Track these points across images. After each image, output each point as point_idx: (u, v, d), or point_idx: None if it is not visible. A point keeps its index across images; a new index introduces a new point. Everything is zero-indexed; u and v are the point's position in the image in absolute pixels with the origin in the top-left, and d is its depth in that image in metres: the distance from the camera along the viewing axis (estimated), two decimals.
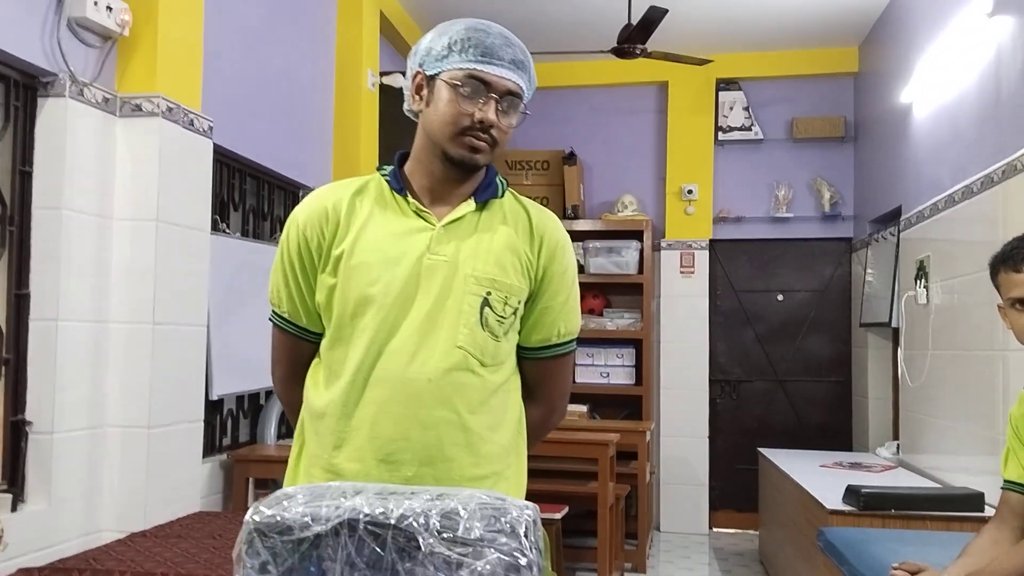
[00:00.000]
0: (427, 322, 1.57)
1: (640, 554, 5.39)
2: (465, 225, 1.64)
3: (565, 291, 1.72)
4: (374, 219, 1.63)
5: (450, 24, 1.65)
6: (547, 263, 1.68)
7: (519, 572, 1.17)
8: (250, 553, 1.22)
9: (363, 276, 1.59)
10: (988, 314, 3.60)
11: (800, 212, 6.45)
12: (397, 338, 1.56)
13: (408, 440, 1.54)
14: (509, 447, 1.64)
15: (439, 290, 1.58)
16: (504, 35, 1.64)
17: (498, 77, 1.60)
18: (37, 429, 2.82)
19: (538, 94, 6.88)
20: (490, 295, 1.60)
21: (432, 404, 1.54)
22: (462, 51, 1.59)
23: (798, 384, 6.50)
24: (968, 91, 4.05)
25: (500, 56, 1.60)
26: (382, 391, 1.55)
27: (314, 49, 4.67)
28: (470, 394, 1.57)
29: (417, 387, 1.54)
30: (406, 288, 1.58)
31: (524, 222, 1.69)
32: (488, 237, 1.64)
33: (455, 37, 1.61)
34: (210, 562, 2.57)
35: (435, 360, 1.55)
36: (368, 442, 1.55)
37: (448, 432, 1.55)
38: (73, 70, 2.87)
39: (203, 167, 3.40)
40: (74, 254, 2.90)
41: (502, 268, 1.62)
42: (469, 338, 1.57)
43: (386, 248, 1.60)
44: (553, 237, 1.70)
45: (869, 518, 3.51)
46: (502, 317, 1.61)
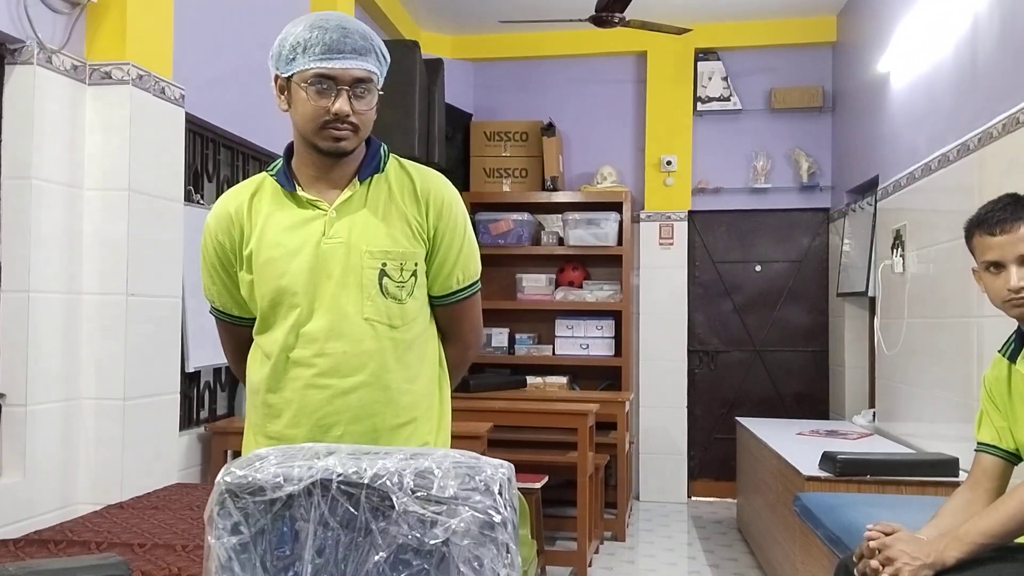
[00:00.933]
0: (335, 301, 1.77)
1: (619, 523, 5.43)
2: (355, 204, 1.81)
3: (458, 243, 1.88)
4: (273, 217, 1.81)
5: (293, 25, 1.81)
6: (436, 222, 1.85)
7: (493, 529, 1.17)
8: (222, 514, 1.21)
9: (272, 270, 1.78)
10: (963, 282, 3.63)
11: (778, 183, 6.47)
12: (313, 321, 1.77)
13: (333, 405, 1.76)
14: (427, 393, 1.86)
15: (340, 270, 1.77)
16: (342, 27, 1.75)
17: (342, 69, 1.73)
18: (10, 402, 2.79)
19: (516, 64, 6.82)
20: (386, 265, 1.78)
21: (350, 372, 1.76)
22: (305, 52, 1.75)
23: (776, 354, 6.54)
24: (945, 60, 4.06)
25: (340, 49, 1.73)
26: (306, 368, 1.76)
27: (288, 16, 4.59)
28: (384, 357, 1.78)
29: (335, 360, 1.75)
30: (312, 274, 1.77)
31: (409, 188, 1.85)
32: (376, 210, 1.81)
33: (298, 39, 1.76)
34: (187, 532, 2.56)
35: (348, 333, 1.76)
36: (300, 411, 1.77)
37: (368, 393, 1.77)
38: (41, 37, 2.81)
39: (175, 136, 3.35)
40: (44, 225, 2.85)
41: (393, 238, 1.80)
42: (373, 308, 1.77)
43: (286, 242, 1.78)
44: (438, 197, 1.86)
45: (845, 484, 3.54)
46: (401, 282, 1.79)
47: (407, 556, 1.19)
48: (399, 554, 1.19)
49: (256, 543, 1.21)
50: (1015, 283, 2.10)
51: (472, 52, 6.77)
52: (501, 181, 6.45)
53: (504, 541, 1.17)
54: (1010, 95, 3.29)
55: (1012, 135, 3.24)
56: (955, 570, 2.03)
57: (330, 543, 1.20)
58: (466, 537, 1.16)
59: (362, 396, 1.77)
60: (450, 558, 1.17)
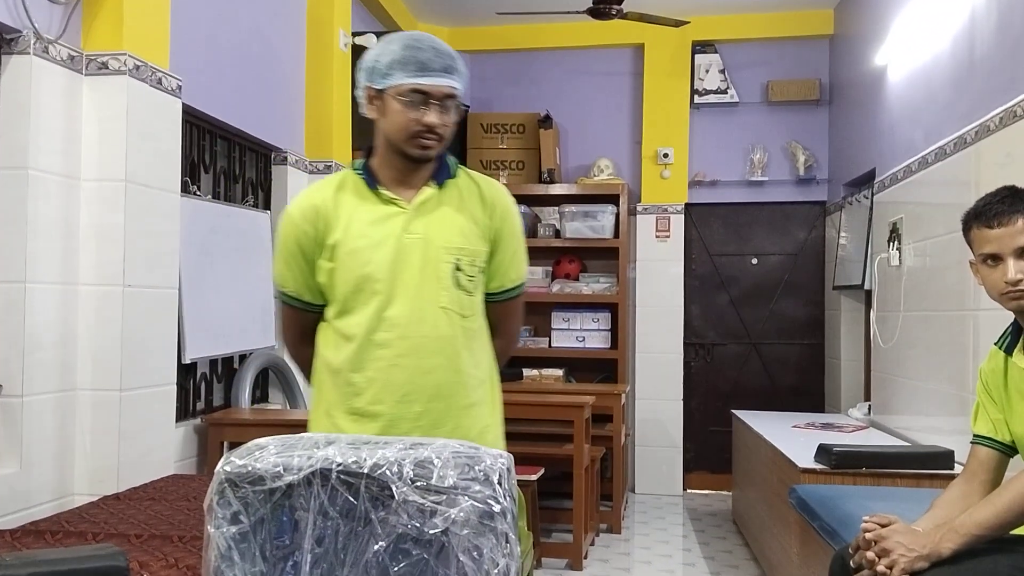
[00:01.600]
0: (415, 290, 1.96)
1: (615, 515, 5.44)
2: (430, 205, 2.01)
3: (515, 245, 2.12)
4: (357, 210, 2.00)
5: (388, 43, 1.97)
6: (499, 225, 2.07)
7: (493, 519, 1.17)
8: (222, 504, 1.21)
9: (357, 259, 1.96)
10: (960, 275, 3.63)
11: (775, 176, 6.47)
12: (393, 306, 1.95)
13: (414, 383, 1.95)
14: (487, 378, 2.08)
15: (420, 262, 1.96)
16: (435, 48, 1.95)
17: (435, 85, 1.93)
18: (7, 392, 2.78)
19: (513, 56, 6.81)
20: (459, 260, 1.99)
21: (429, 354, 1.96)
22: (400, 69, 1.92)
23: (771, 347, 6.55)
24: (942, 53, 4.06)
25: (433, 68, 1.93)
26: (388, 349, 1.95)
27: (285, 8, 4.60)
28: (456, 343, 1.99)
29: (416, 343, 1.95)
30: (394, 264, 1.95)
31: (476, 194, 2.07)
32: (450, 212, 2.02)
33: (395, 56, 1.93)
34: (184, 523, 2.56)
35: (428, 320, 1.96)
36: (384, 388, 1.95)
37: (444, 375, 1.97)
38: (37, 27, 2.80)
39: (172, 127, 3.34)
40: (41, 215, 2.85)
41: (465, 236, 2.01)
42: (448, 298, 1.97)
43: (371, 234, 1.97)
44: (502, 204, 2.10)
45: (840, 476, 3.55)
46: (471, 276, 2.01)
47: (407, 546, 1.19)
48: (399, 543, 1.19)
49: (256, 532, 1.21)
50: (1012, 276, 2.10)
51: (469, 44, 6.76)
52: (498, 173, 6.44)
53: (503, 531, 1.17)
54: (1007, 88, 3.29)
55: (1009, 128, 3.24)
56: (950, 562, 2.04)
57: (330, 533, 1.20)
58: (465, 527, 1.16)
59: (439, 377, 1.97)
60: (450, 548, 1.17)
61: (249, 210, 4.35)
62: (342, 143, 4.94)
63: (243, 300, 4.18)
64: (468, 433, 1.98)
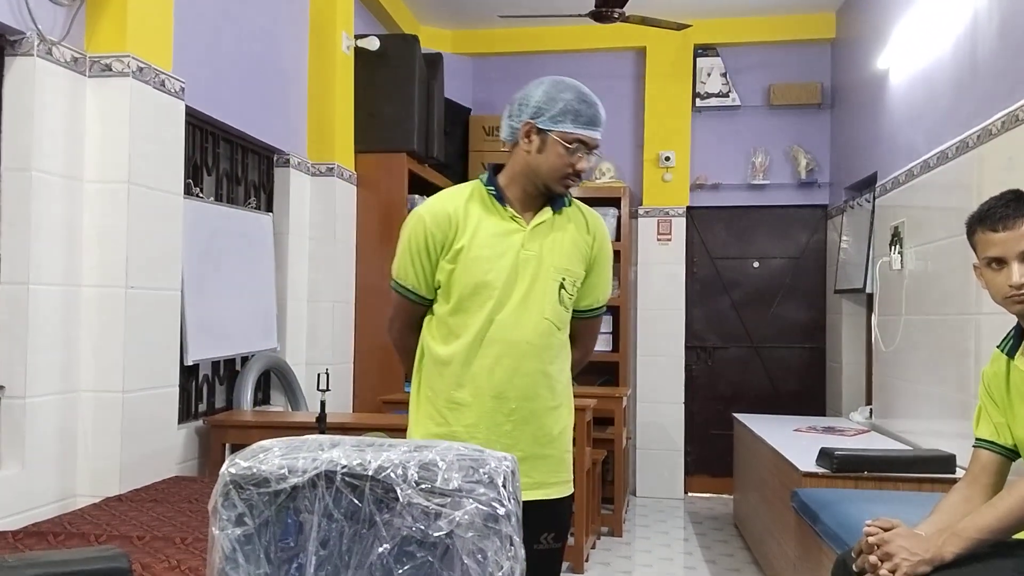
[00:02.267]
0: (524, 300, 2.18)
1: (616, 518, 5.44)
2: (545, 227, 2.23)
3: (606, 271, 2.36)
4: (483, 222, 2.20)
5: (558, 89, 2.20)
6: (597, 253, 2.31)
7: (497, 522, 1.17)
8: (226, 505, 1.21)
9: (480, 266, 2.17)
10: (962, 278, 3.63)
11: (776, 179, 6.47)
12: (504, 311, 2.17)
13: (512, 383, 2.17)
14: (568, 383, 2.30)
15: (531, 277, 2.18)
16: (598, 104, 2.22)
17: (594, 139, 2.20)
18: (9, 393, 2.79)
19: (514, 59, 6.81)
20: (564, 280, 2.21)
21: (528, 358, 2.17)
22: (575, 119, 2.16)
23: (773, 350, 6.55)
24: (944, 57, 4.06)
25: (598, 123, 2.20)
26: (495, 348, 2.16)
27: (288, 11, 4.60)
28: (551, 351, 2.21)
29: (520, 347, 2.16)
30: (510, 275, 2.17)
31: (583, 223, 2.30)
32: (561, 236, 2.24)
33: (570, 107, 2.16)
34: (186, 525, 2.56)
35: (530, 327, 2.17)
36: (486, 383, 2.16)
37: (537, 377, 2.19)
38: (41, 28, 2.81)
39: (175, 129, 3.35)
40: (44, 217, 2.85)
41: (571, 259, 2.24)
42: (552, 311, 2.20)
43: (494, 245, 2.18)
44: (601, 234, 2.33)
45: (842, 480, 3.55)
46: (571, 295, 2.24)
47: (411, 548, 1.19)
48: (403, 546, 1.19)
49: (260, 534, 1.21)
50: (1016, 279, 2.10)
51: (471, 47, 6.77)
52: None
53: (508, 533, 1.17)
54: (1009, 92, 3.30)
55: (1011, 132, 3.25)
56: (953, 566, 2.04)
57: (334, 535, 1.20)
58: (470, 529, 1.16)
59: (533, 379, 2.18)
60: (454, 550, 1.17)
61: (251, 212, 4.35)
62: (344, 145, 4.95)
63: (245, 302, 4.19)
64: (551, 431, 2.22)
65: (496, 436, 2.15)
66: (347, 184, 4.97)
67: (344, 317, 4.98)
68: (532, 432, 2.19)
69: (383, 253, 5.13)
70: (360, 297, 5.12)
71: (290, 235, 4.64)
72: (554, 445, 2.23)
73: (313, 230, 4.81)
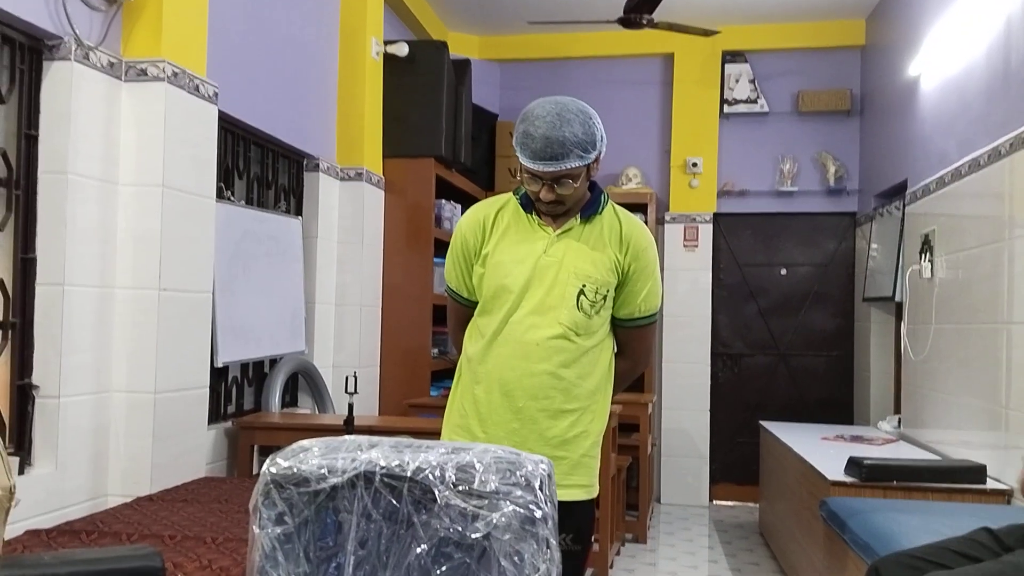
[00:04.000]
0: (540, 304, 2.23)
1: (641, 525, 5.42)
2: (572, 234, 2.27)
3: (644, 281, 2.31)
4: (510, 229, 2.30)
5: (522, 119, 2.19)
6: (631, 262, 2.28)
7: (534, 525, 1.18)
8: (267, 504, 1.22)
9: (500, 270, 2.26)
10: (993, 287, 3.60)
11: (805, 186, 6.44)
12: (519, 313, 2.24)
13: (520, 381, 2.23)
14: (595, 390, 2.29)
15: (550, 282, 2.23)
16: (546, 136, 2.13)
17: (544, 171, 2.16)
18: (44, 393, 2.83)
19: (542, 65, 6.81)
20: (584, 286, 2.23)
21: (537, 359, 2.22)
22: (522, 151, 2.17)
23: (800, 358, 6.51)
24: (976, 63, 4.03)
25: (542, 157, 2.14)
26: (507, 348, 2.24)
27: (318, 17, 4.64)
28: (565, 355, 2.23)
29: (529, 348, 2.22)
30: (528, 280, 2.24)
31: (616, 231, 2.29)
32: (587, 243, 2.26)
33: (519, 139, 2.17)
34: (217, 525, 2.59)
35: (543, 331, 2.22)
36: (495, 380, 2.25)
37: (547, 380, 2.22)
38: (78, 33, 2.85)
39: (208, 133, 3.39)
40: (80, 219, 2.89)
41: (595, 266, 2.24)
42: (568, 317, 2.22)
43: (516, 251, 2.27)
44: (637, 243, 2.29)
45: (871, 489, 3.52)
46: (593, 302, 2.24)
47: (448, 549, 1.20)
48: (440, 547, 1.20)
49: (300, 534, 1.22)
50: None
51: (499, 53, 6.79)
52: None
53: (544, 536, 1.18)
54: None
55: None
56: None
57: (372, 535, 1.21)
58: (507, 532, 1.17)
59: (542, 380, 2.22)
60: (491, 552, 1.18)
61: (281, 216, 4.39)
62: (373, 150, 4.98)
63: (274, 305, 4.22)
64: (564, 434, 2.24)
65: (504, 433, 2.24)
66: (375, 189, 5.00)
67: (371, 321, 5.01)
68: (539, 432, 2.23)
69: (410, 257, 5.16)
70: (387, 301, 5.14)
71: (319, 239, 4.67)
72: (568, 448, 2.25)
73: (341, 234, 4.84)
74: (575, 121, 2.16)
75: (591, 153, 2.20)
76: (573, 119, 2.16)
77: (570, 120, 2.15)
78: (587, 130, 2.18)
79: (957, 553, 2.38)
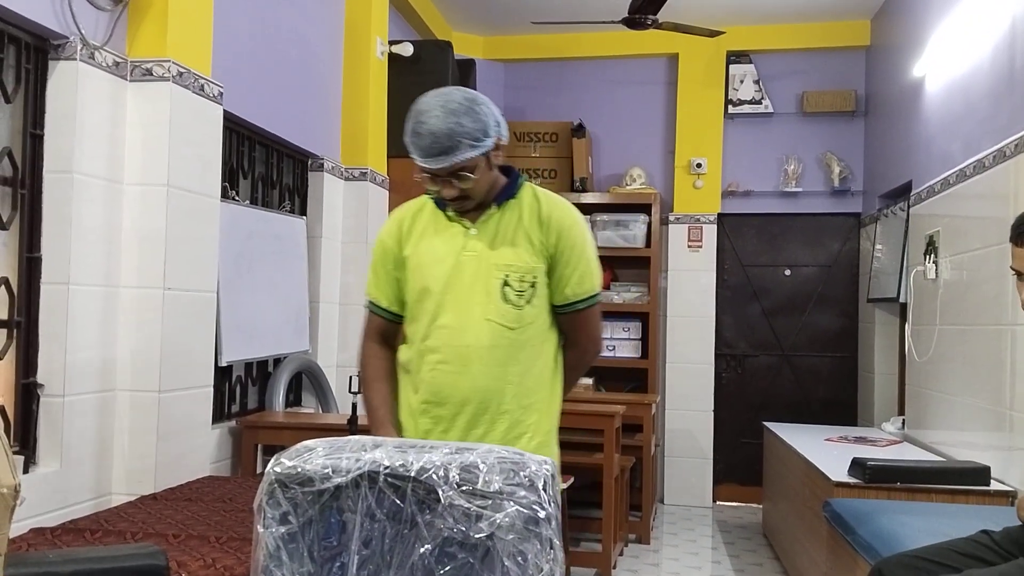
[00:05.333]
0: (463, 303, 2.13)
1: (644, 526, 5.42)
2: (491, 225, 2.18)
3: (575, 261, 2.19)
4: (428, 230, 2.22)
5: (408, 117, 2.09)
6: (556, 242, 2.17)
7: (538, 525, 1.18)
8: (271, 504, 1.23)
9: (420, 273, 2.18)
10: (997, 289, 3.60)
11: (809, 187, 6.43)
12: (443, 316, 2.14)
13: (456, 387, 2.13)
14: (536, 387, 2.19)
15: (471, 278, 2.14)
16: (432, 131, 2.03)
17: (437, 168, 2.07)
18: (48, 392, 2.83)
19: (547, 65, 6.81)
20: (508, 276, 2.13)
21: (471, 362, 2.12)
22: (412, 150, 2.08)
23: (804, 359, 6.51)
24: (982, 64, 4.02)
25: (431, 154, 2.05)
26: (436, 355, 2.14)
27: (323, 17, 4.65)
28: (499, 351, 2.12)
29: (459, 351, 2.12)
30: (449, 279, 2.15)
31: (536, 212, 2.19)
32: (506, 230, 2.16)
33: (406, 137, 2.09)
34: (221, 524, 2.59)
35: (473, 331, 2.12)
36: (430, 388, 2.15)
37: (484, 381, 2.12)
38: (84, 33, 2.86)
39: (213, 133, 3.39)
40: (85, 218, 2.90)
41: (517, 254, 2.14)
42: (496, 312, 2.12)
43: (435, 251, 2.19)
44: (559, 221, 2.18)
45: (875, 490, 3.52)
46: (520, 291, 2.13)
47: (452, 549, 1.20)
48: (444, 547, 1.21)
49: (304, 533, 1.23)
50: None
51: (503, 53, 6.79)
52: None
53: (548, 536, 1.18)
54: None
55: None
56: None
57: (376, 535, 1.22)
58: (511, 532, 1.17)
59: (479, 383, 2.12)
60: (495, 552, 1.18)
61: (286, 215, 4.39)
62: (377, 150, 4.98)
63: (278, 304, 4.22)
64: (505, 436, 2.13)
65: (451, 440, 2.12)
66: (379, 188, 5.00)
67: None
68: (480, 436, 2.13)
69: None
70: None
71: (323, 238, 4.68)
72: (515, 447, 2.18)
73: (346, 234, 4.85)
74: (460, 111, 2.05)
75: (484, 141, 2.09)
76: (459, 109, 2.05)
77: (455, 111, 2.04)
78: (475, 119, 2.07)
79: (960, 554, 2.38)
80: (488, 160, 2.13)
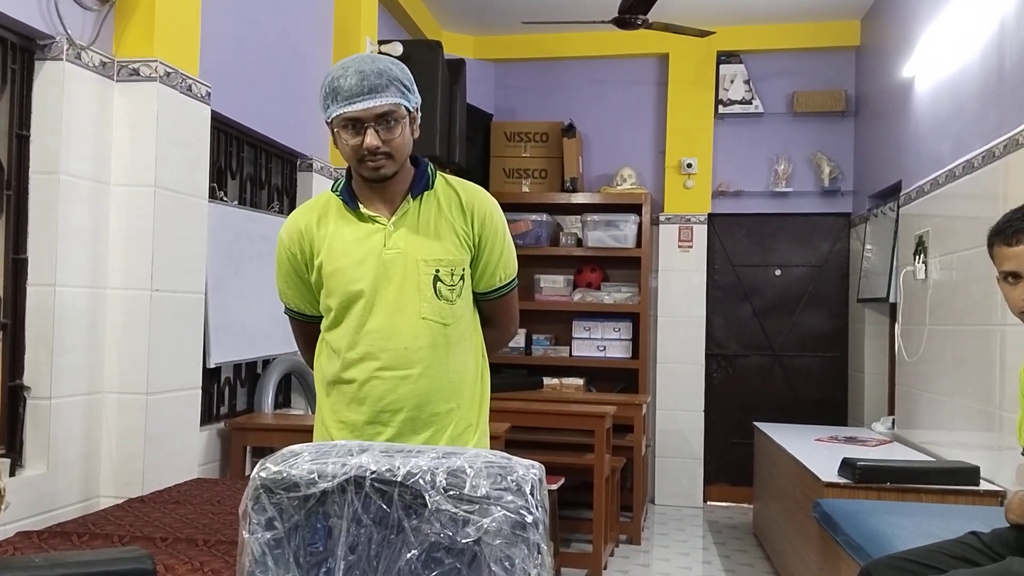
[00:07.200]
0: (395, 303, 2.03)
1: (635, 526, 5.42)
2: (409, 218, 2.06)
3: (499, 247, 2.14)
4: (339, 231, 2.08)
5: (325, 77, 1.99)
6: (480, 231, 2.10)
7: (525, 530, 1.17)
8: (257, 509, 1.22)
9: (341, 277, 2.05)
10: (986, 289, 3.60)
11: (799, 187, 6.44)
12: (374, 319, 2.03)
13: (396, 394, 2.02)
14: (471, 380, 2.13)
15: (399, 277, 2.03)
16: (359, 71, 1.94)
17: (364, 110, 1.93)
18: (35, 394, 2.81)
19: (537, 65, 6.81)
20: (439, 271, 2.04)
21: (409, 364, 2.02)
22: (332, 101, 1.95)
23: (794, 359, 6.52)
24: (971, 65, 4.03)
25: (359, 93, 1.93)
26: (371, 361, 2.03)
27: (312, 16, 4.63)
28: (438, 351, 2.05)
29: (396, 354, 2.02)
30: (375, 280, 2.03)
31: (456, 202, 2.10)
32: (428, 224, 2.06)
33: (324, 90, 1.97)
34: (209, 527, 2.57)
35: (408, 332, 2.03)
36: (367, 399, 2.03)
37: (425, 383, 2.03)
38: (70, 33, 2.84)
39: (201, 133, 3.37)
40: (71, 219, 2.87)
41: (444, 248, 2.06)
42: (429, 309, 2.04)
43: (352, 252, 2.05)
44: (482, 209, 2.12)
45: (864, 491, 3.53)
46: (452, 286, 2.06)
47: (439, 554, 1.19)
48: (431, 552, 1.20)
49: (290, 539, 1.22)
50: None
51: (494, 53, 6.78)
52: (520, 182, 6.45)
53: (535, 541, 1.17)
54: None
55: None
56: None
57: (363, 540, 1.21)
58: (498, 537, 1.17)
59: (419, 386, 2.02)
60: (482, 557, 1.17)
61: (274, 216, 4.37)
62: None
63: (267, 305, 4.20)
64: (451, 436, 2.07)
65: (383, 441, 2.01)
66: None
67: None
68: (427, 440, 2.05)
69: None
70: None
71: None
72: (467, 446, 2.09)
73: None
74: (387, 61, 1.99)
75: (410, 96, 2.01)
76: (384, 60, 1.99)
77: (381, 59, 1.99)
78: (402, 71, 2.00)
79: (949, 556, 2.38)
80: (411, 125, 2.04)
